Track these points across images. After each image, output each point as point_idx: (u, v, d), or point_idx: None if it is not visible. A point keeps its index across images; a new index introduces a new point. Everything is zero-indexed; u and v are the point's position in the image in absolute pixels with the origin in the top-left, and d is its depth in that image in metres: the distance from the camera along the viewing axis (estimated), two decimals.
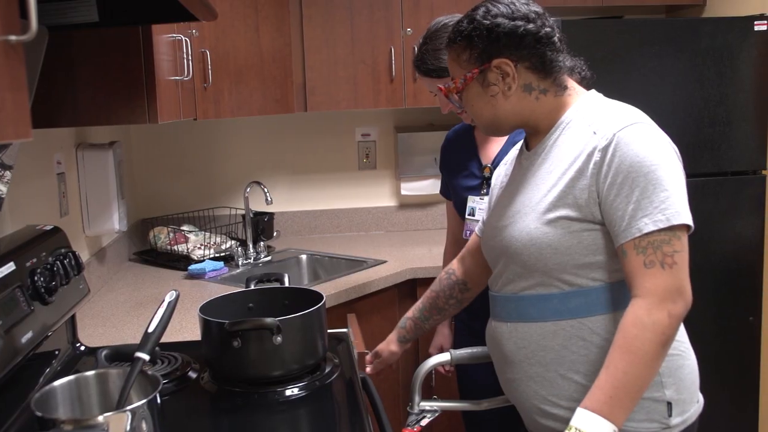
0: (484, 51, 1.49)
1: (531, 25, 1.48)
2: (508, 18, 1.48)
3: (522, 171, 1.60)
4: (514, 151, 1.73)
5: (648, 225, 1.35)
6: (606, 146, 1.40)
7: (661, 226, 1.35)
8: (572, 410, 1.46)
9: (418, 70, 2.10)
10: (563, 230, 1.44)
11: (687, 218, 1.37)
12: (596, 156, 1.41)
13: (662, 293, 1.35)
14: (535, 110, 1.52)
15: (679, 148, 1.48)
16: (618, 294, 1.45)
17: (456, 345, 2.28)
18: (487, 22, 1.48)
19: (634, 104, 1.54)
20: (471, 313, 2.22)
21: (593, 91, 1.58)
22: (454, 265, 1.92)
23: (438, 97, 2.11)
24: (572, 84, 1.55)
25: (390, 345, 1.96)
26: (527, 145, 1.61)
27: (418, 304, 1.96)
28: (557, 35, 1.51)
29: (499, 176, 1.75)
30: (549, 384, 1.50)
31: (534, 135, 1.58)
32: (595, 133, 1.44)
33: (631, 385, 1.34)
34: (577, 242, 1.44)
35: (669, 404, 1.45)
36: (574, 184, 1.44)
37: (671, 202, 1.36)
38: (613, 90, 1.59)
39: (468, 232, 2.18)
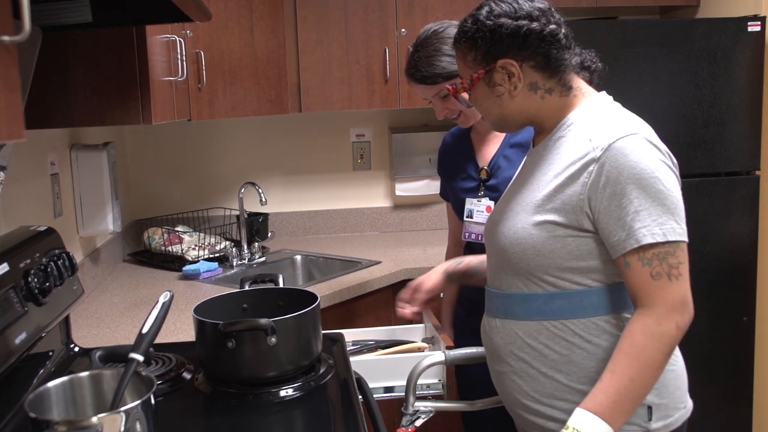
0: (489, 52, 1.49)
1: (534, 24, 1.47)
2: (511, 18, 1.47)
3: (524, 168, 1.62)
4: None
5: (646, 236, 1.36)
6: (601, 157, 1.40)
7: (659, 239, 1.36)
8: (552, 407, 1.51)
9: (412, 78, 2.08)
10: (547, 233, 1.46)
11: (681, 235, 1.39)
12: (591, 167, 1.41)
13: (671, 305, 1.37)
14: (541, 109, 1.53)
15: (672, 149, 1.48)
16: (600, 299, 1.47)
17: (457, 344, 2.28)
18: (490, 22, 1.48)
19: (628, 105, 1.55)
20: (471, 313, 2.22)
21: (603, 93, 1.57)
22: None
23: (433, 103, 2.11)
24: (579, 84, 1.55)
25: (434, 274, 2.02)
26: (533, 143, 1.63)
27: (481, 256, 1.97)
28: (563, 31, 1.50)
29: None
30: (532, 380, 1.53)
31: (539, 133, 1.59)
32: (590, 140, 1.44)
33: (636, 391, 1.37)
34: (560, 246, 1.46)
35: (650, 408, 1.46)
36: (563, 189, 1.45)
37: (668, 218, 1.38)
38: (607, 91, 1.59)
39: (467, 234, 2.18)
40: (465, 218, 2.18)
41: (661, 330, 1.36)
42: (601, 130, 1.44)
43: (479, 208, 2.15)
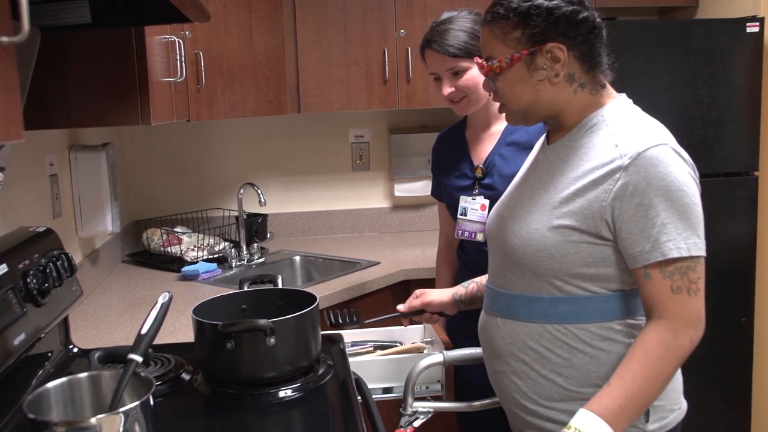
0: (541, 32, 1.41)
1: (587, 13, 1.43)
2: (565, 1, 1.42)
3: (537, 164, 1.57)
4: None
5: (672, 251, 1.36)
6: (629, 165, 1.37)
7: (684, 254, 1.36)
8: (550, 409, 1.50)
9: (434, 44, 2.05)
10: (562, 238, 1.43)
11: (703, 250, 1.39)
12: (617, 174, 1.38)
13: (687, 319, 1.38)
14: (570, 103, 1.47)
15: None
16: (607, 306, 1.46)
17: (452, 345, 2.29)
18: (546, 2, 1.41)
19: None
20: (465, 314, 2.22)
21: (623, 95, 1.54)
22: None
23: (443, 78, 2.08)
24: (608, 85, 1.51)
25: (442, 294, 1.92)
26: (548, 138, 1.58)
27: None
28: (605, 29, 1.47)
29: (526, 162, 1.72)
30: (532, 382, 1.52)
31: (557, 129, 1.54)
32: (616, 146, 1.41)
33: (643, 400, 1.37)
34: (573, 252, 1.43)
35: (647, 410, 1.46)
36: (584, 194, 1.42)
37: (692, 232, 1.38)
38: None
39: (460, 232, 2.19)
40: (459, 216, 2.18)
41: (677, 343, 1.37)
42: (628, 137, 1.41)
43: (473, 206, 2.15)
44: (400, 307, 1.96)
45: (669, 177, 1.37)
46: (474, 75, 2.03)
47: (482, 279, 1.90)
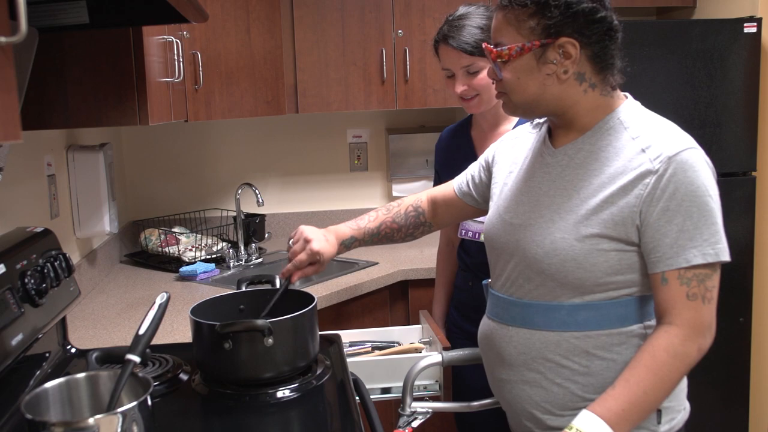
0: (556, 25, 1.37)
1: (606, 12, 1.40)
2: None
3: (545, 168, 1.52)
4: (520, 131, 1.68)
5: (697, 257, 1.34)
6: (660, 170, 1.35)
7: (710, 260, 1.34)
8: (561, 417, 1.47)
9: (451, 40, 2.03)
10: (591, 247, 1.40)
11: (728, 254, 1.37)
12: (648, 179, 1.36)
13: (698, 327, 1.36)
14: (578, 103, 1.44)
15: None
16: (627, 310, 1.44)
17: (450, 346, 2.29)
18: None
19: None
20: (463, 315, 2.23)
21: (629, 96, 1.52)
22: (424, 206, 1.85)
23: (457, 76, 2.07)
24: (617, 87, 1.49)
25: (331, 246, 1.79)
26: (552, 140, 1.53)
27: (372, 227, 1.86)
28: (621, 32, 1.45)
29: (505, 158, 1.66)
30: (544, 391, 1.49)
31: (564, 129, 1.50)
32: (643, 150, 1.39)
33: (647, 405, 1.36)
34: (603, 260, 1.40)
35: (659, 411, 1.45)
36: (614, 201, 1.39)
37: (719, 237, 1.36)
38: None
39: (463, 232, 2.18)
40: None
41: (684, 350, 1.35)
42: (655, 140, 1.39)
43: None
44: (294, 276, 1.78)
45: (697, 182, 1.35)
46: None
47: (363, 237, 1.84)
